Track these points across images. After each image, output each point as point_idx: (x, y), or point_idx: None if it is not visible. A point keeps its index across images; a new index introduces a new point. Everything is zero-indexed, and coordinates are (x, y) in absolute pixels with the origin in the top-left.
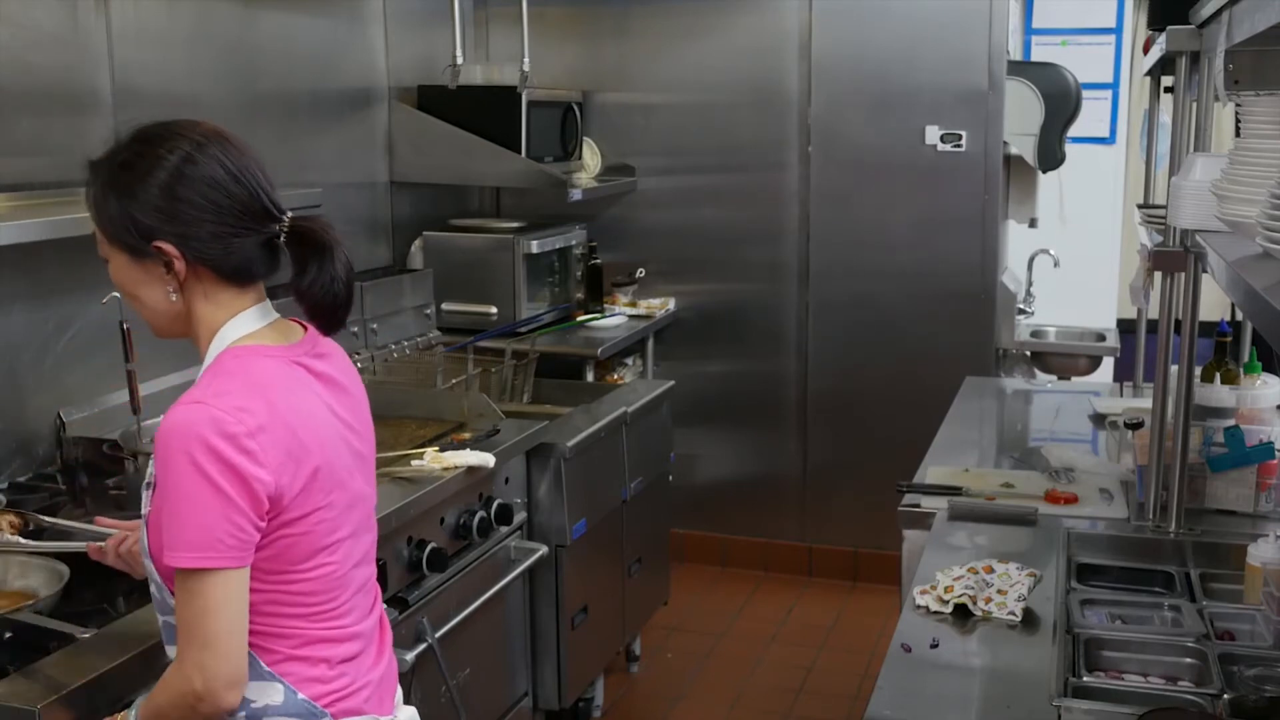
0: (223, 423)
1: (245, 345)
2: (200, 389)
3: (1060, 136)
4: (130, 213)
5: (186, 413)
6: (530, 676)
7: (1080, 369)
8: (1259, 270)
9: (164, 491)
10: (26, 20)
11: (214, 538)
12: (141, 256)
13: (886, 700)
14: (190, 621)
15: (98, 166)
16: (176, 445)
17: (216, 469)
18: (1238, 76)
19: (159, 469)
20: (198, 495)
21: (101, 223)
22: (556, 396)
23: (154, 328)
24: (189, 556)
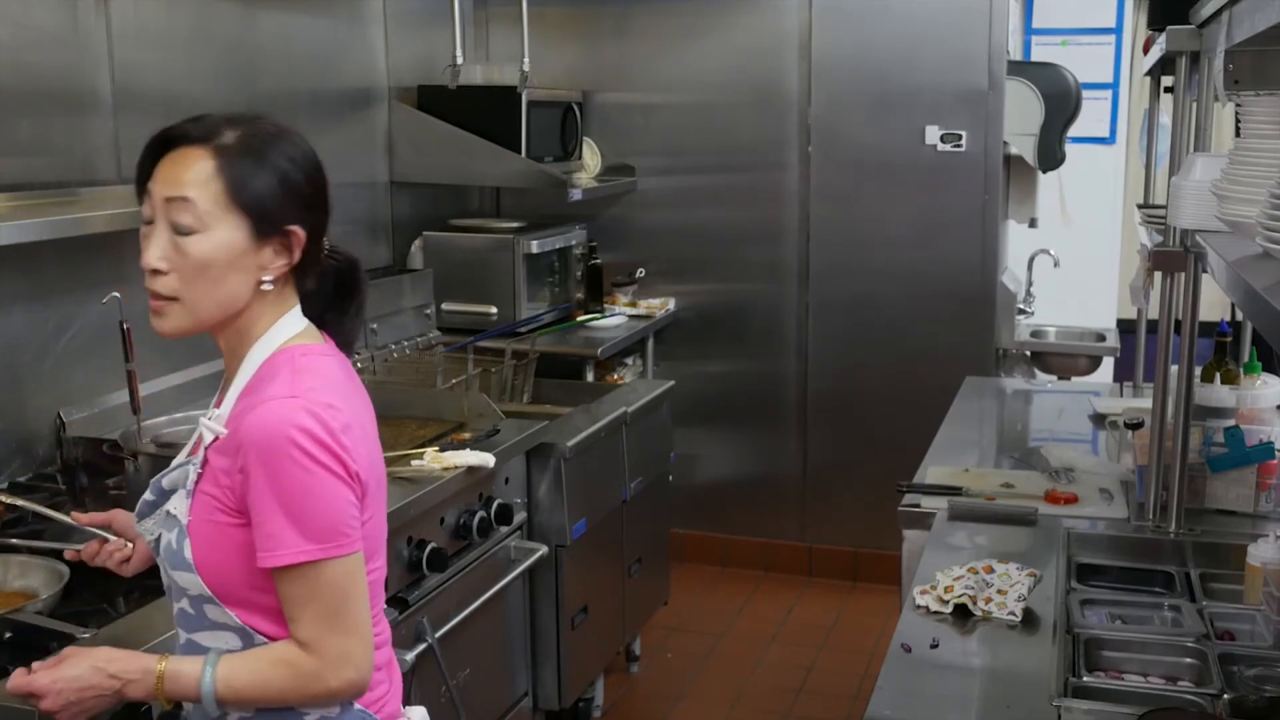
0: (321, 416)
1: (301, 345)
2: (284, 385)
3: (1060, 136)
4: (282, 188)
5: (284, 408)
6: (530, 676)
7: (1080, 369)
8: (1259, 270)
9: (273, 490)
10: (26, 20)
11: (342, 523)
12: (265, 236)
13: (886, 700)
14: (328, 612)
15: (212, 129)
16: (283, 439)
17: (327, 457)
18: (1238, 76)
19: (260, 469)
20: (316, 485)
21: (225, 186)
22: (556, 396)
23: (199, 317)
24: (320, 548)
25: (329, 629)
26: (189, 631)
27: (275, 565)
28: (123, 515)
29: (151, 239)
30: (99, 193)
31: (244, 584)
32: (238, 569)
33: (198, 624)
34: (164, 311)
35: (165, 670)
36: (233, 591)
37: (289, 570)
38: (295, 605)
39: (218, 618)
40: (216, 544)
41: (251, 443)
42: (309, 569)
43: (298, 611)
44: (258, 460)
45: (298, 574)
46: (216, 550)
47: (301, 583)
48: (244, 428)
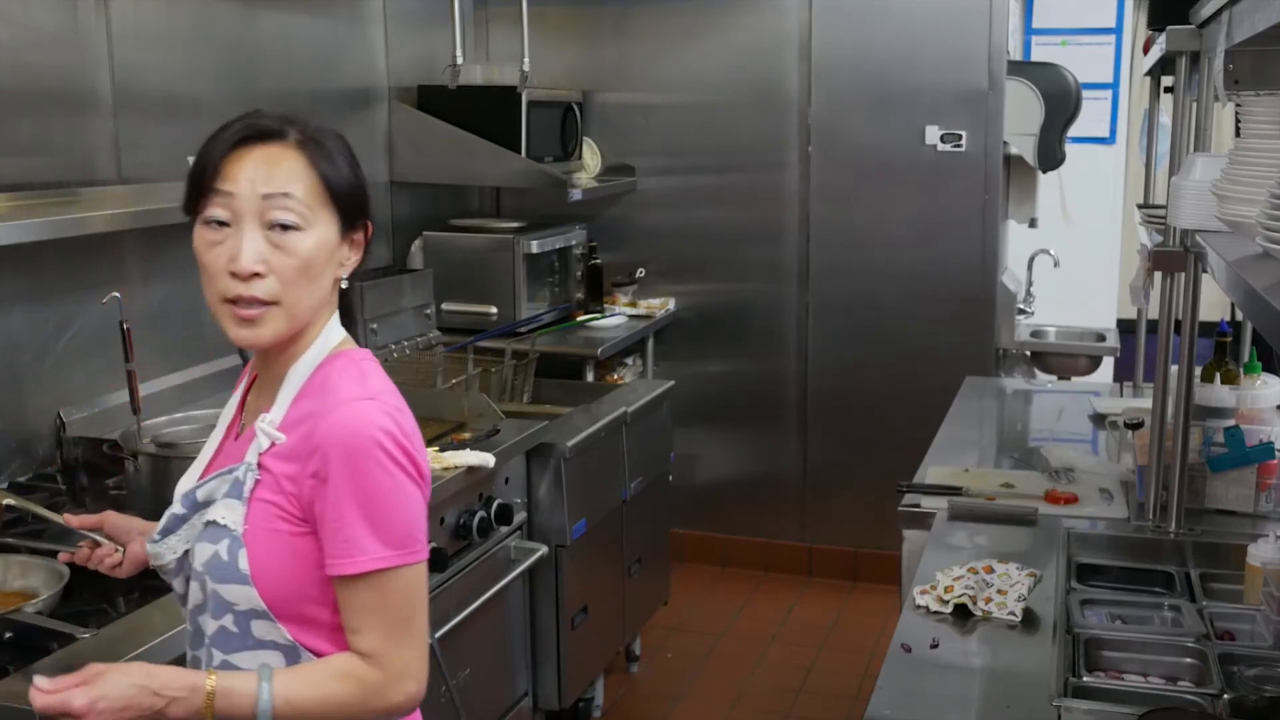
0: (399, 420)
1: (349, 349)
2: (356, 388)
3: (1060, 136)
4: (357, 181)
5: (367, 409)
6: (530, 676)
7: (1080, 369)
8: (1259, 270)
9: (351, 492)
10: (26, 20)
11: (417, 530)
12: (349, 232)
13: (886, 700)
14: (396, 622)
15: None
16: (368, 441)
17: (405, 460)
18: (1238, 76)
19: (342, 473)
20: (397, 488)
21: (328, 181)
22: (556, 396)
23: (296, 321)
24: (397, 554)
25: (395, 640)
26: (227, 652)
27: (353, 572)
28: (114, 517)
29: (241, 241)
30: (99, 193)
31: (301, 596)
32: (296, 580)
33: (240, 643)
34: (262, 319)
35: (216, 687)
36: (288, 605)
37: (362, 578)
38: (362, 615)
39: (265, 635)
40: (276, 554)
41: (334, 444)
42: (382, 577)
43: (364, 621)
44: (341, 462)
45: (371, 582)
46: (276, 560)
47: (372, 592)
48: (323, 429)
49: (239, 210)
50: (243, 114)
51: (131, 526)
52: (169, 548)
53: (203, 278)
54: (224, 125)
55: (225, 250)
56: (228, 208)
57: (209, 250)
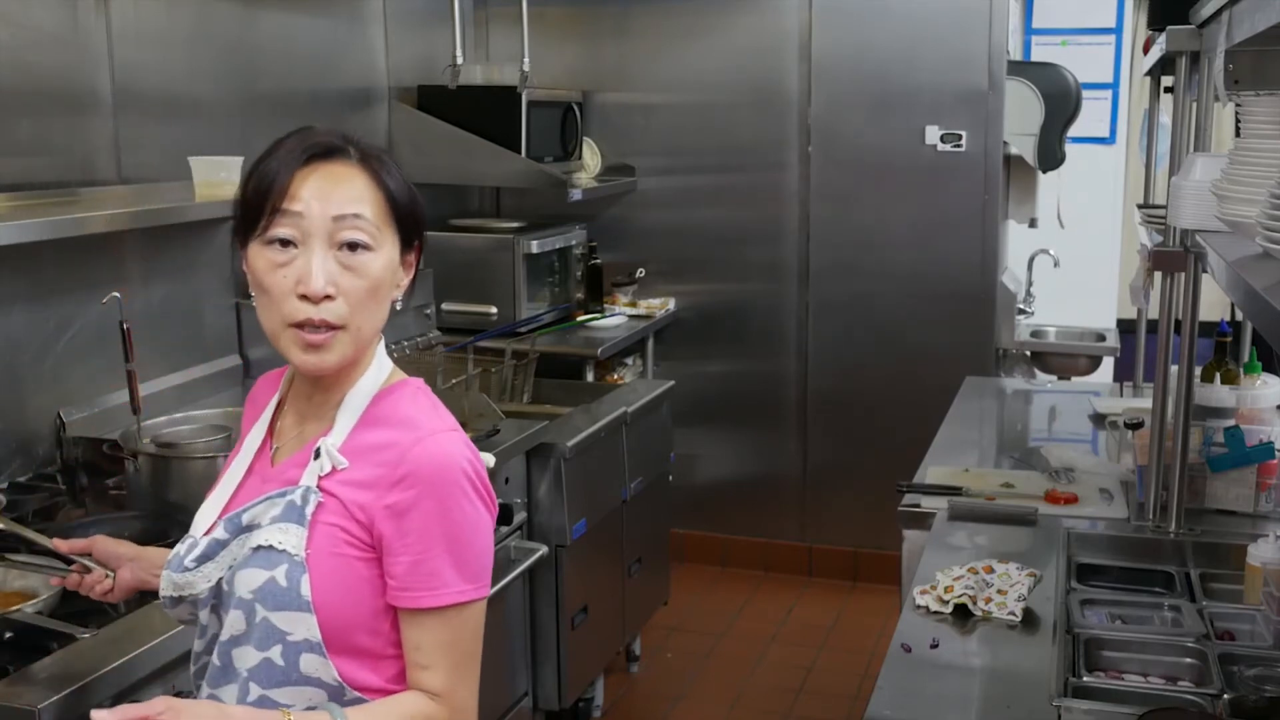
0: (475, 453)
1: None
2: (432, 418)
3: (1060, 136)
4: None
5: (454, 442)
6: (530, 676)
7: (1080, 369)
8: (1259, 270)
9: (440, 524)
10: (26, 20)
11: (490, 562)
12: (405, 253)
13: (886, 700)
14: (463, 658)
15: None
16: (458, 473)
17: (486, 494)
18: (1238, 76)
19: (430, 504)
20: (480, 522)
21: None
22: (556, 396)
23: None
24: (473, 588)
25: (461, 678)
26: (267, 687)
27: (433, 605)
28: (103, 542)
29: (311, 262)
30: (99, 193)
31: (356, 624)
32: (356, 606)
33: (284, 676)
34: (329, 344)
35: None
36: (342, 633)
37: (438, 612)
38: (433, 652)
39: (313, 670)
40: (340, 578)
41: (424, 476)
42: (457, 611)
43: (435, 659)
44: (430, 494)
45: (445, 616)
46: (339, 586)
47: (445, 626)
48: (412, 460)
49: (308, 231)
50: (295, 130)
51: (121, 552)
52: (204, 576)
53: (262, 300)
54: (277, 143)
55: (293, 272)
56: (296, 228)
57: (273, 272)
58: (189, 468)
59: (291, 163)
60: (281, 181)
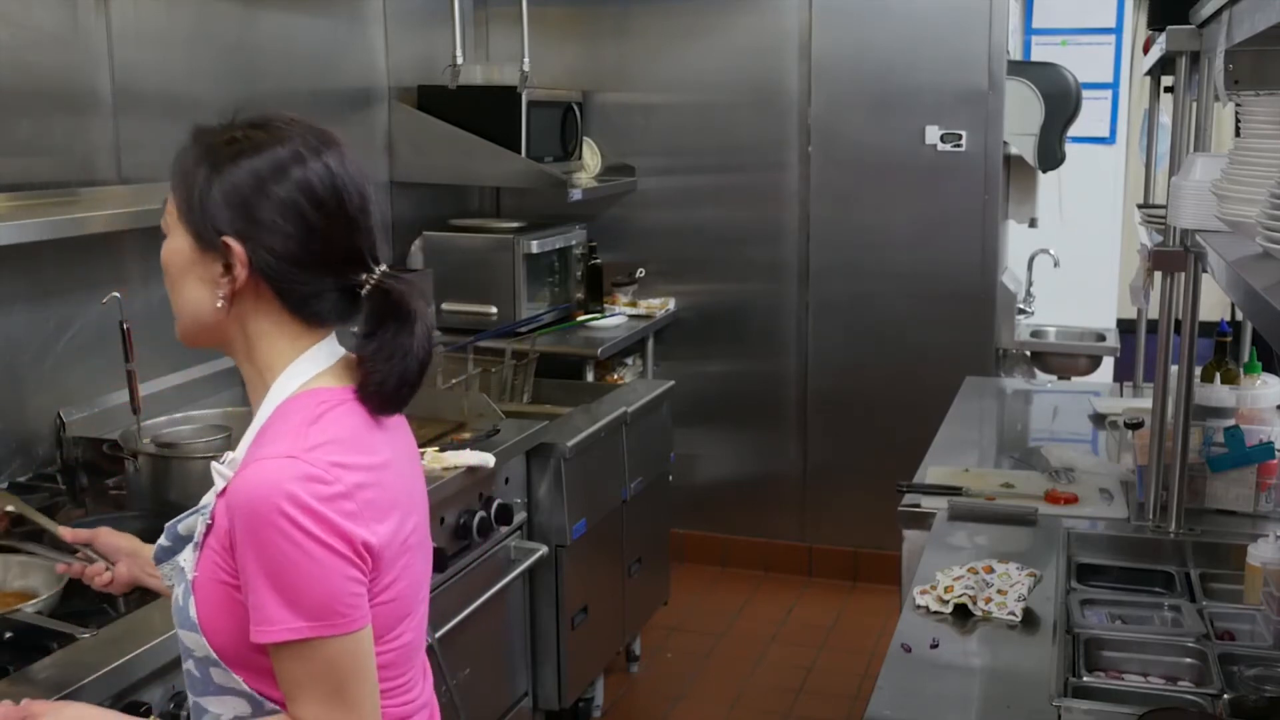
0: (322, 479)
1: (321, 388)
2: (285, 440)
3: (1060, 136)
4: (212, 194)
5: (275, 470)
6: (530, 676)
7: (1080, 369)
8: (1259, 270)
9: (259, 561)
10: (26, 20)
11: (338, 600)
12: (205, 248)
13: (886, 700)
14: (329, 692)
15: (202, 134)
16: (269, 507)
17: (320, 529)
18: (1238, 76)
19: (245, 537)
20: (305, 560)
21: (180, 193)
22: (556, 396)
23: (181, 329)
24: (312, 626)
25: (330, 709)
26: (196, 695)
27: (264, 641)
28: (105, 535)
29: None
30: (99, 193)
31: (250, 648)
32: (242, 632)
33: (204, 688)
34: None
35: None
36: (239, 655)
37: (282, 647)
38: (292, 684)
39: (224, 682)
40: (220, 605)
41: (238, 507)
42: (304, 647)
43: (294, 690)
44: (244, 527)
45: (292, 651)
46: (220, 612)
47: (297, 661)
48: (232, 489)
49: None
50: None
51: (120, 546)
52: (166, 576)
53: None
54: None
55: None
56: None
57: None
58: (189, 468)
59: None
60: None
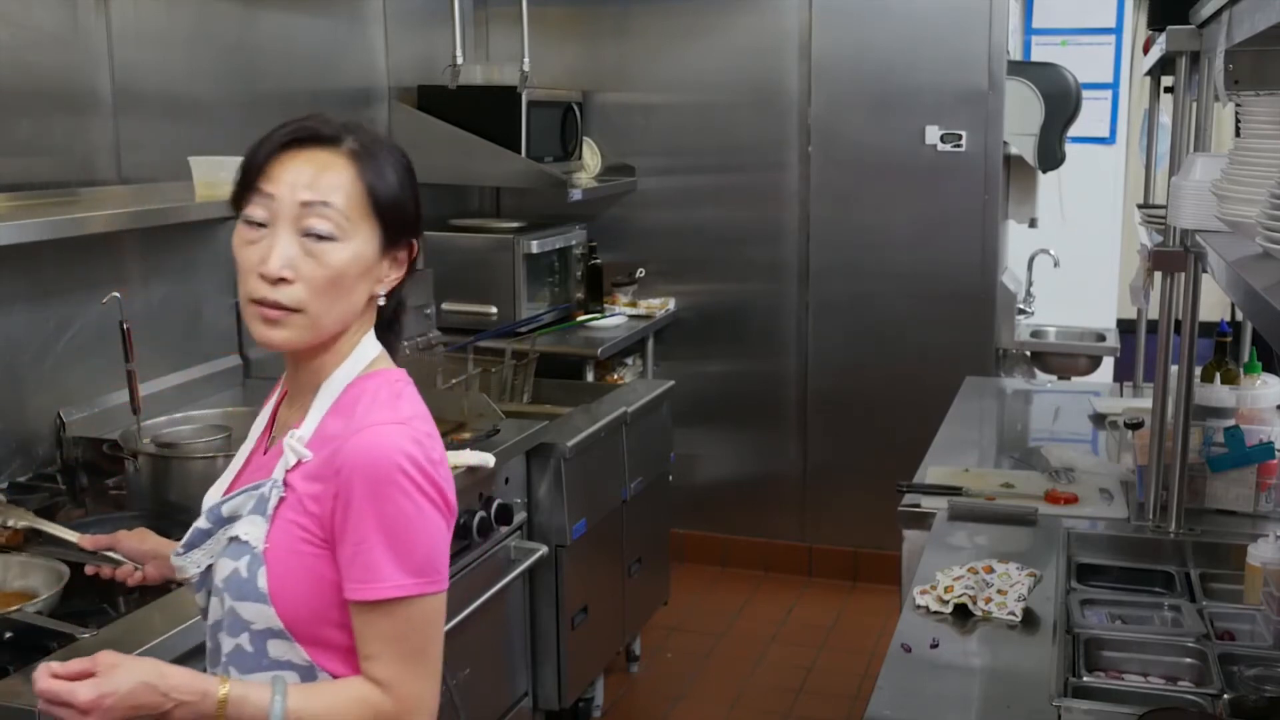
0: (424, 445)
1: (385, 370)
2: (386, 411)
3: (1060, 136)
4: (405, 197)
5: (392, 434)
6: (530, 676)
7: (1080, 369)
8: (1259, 270)
9: (378, 518)
10: (26, 20)
11: (438, 557)
12: (390, 248)
13: (886, 700)
14: (411, 652)
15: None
16: (391, 466)
17: (430, 488)
18: (1238, 76)
19: (365, 495)
20: (419, 516)
21: (374, 194)
22: (556, 396)
23: (320, 331)
24: (416, 583)
25: (409, 670)
26: (244, 671)
27: (371, 599)
28: (125, 538)
29: (274, 244)
30: (99, 193)
31: (319, 618)
32: (315, 602)
33: (255, 663)
34: (283, 322)
35: (229, 695)
36: (305, 626)
37: (380, 605)
38: (378, 642)
39: (282, 655)
40: (296, 574)
41: (356, 468)
42: (400, 605)
43: (379, 649)
44: (364, 487)
45: (388, 610)
46: (295, 581)
47: (389, 620)
48: (347, 452)
49: (276, 213)
50: (306, 115)
51: (144, 548)
52: (193, 562)
53: (237, 274)
54: (282, 124)
55: (258, 251)
56: (267, 209)
57: (243, 248)
58: (189, 468)
59: (274, 145)
60: (260, 161)
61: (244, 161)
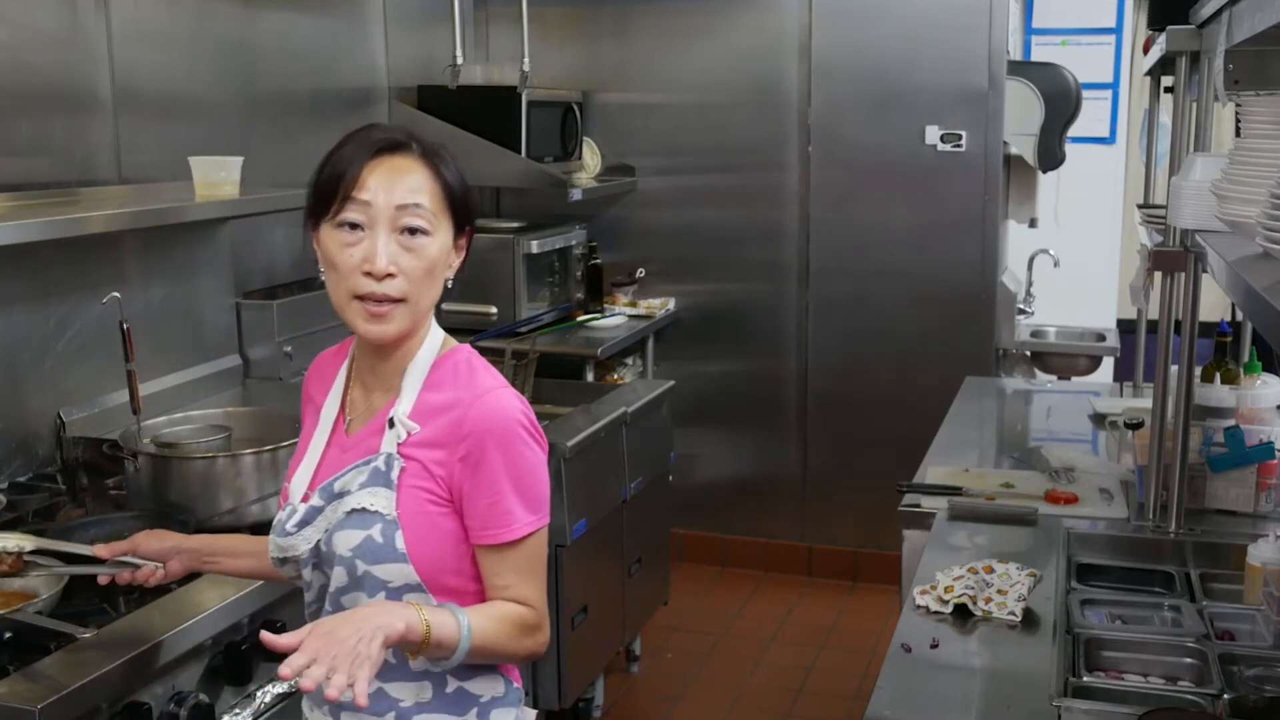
0: (526, 403)
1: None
2: (485, 378)
3: (1060, 136)
4: (466, 191)
5: (508, 397)
6: (530, 676)
7: (1080, 369)
8: (1259, 270)
9: (505, 470)
10: (26, 20)
11: (548, 494)
12: (457, 237)
13: (886, 700)
14: (538, 575)
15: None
16: (514, 424)
17: (539, 437)
18: (1238, 76)
19: (496, 451)
20: (538, 462)
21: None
22: (556, 396)
23: (409, 320)
24: (538, 519)
25: (535, 588)
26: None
27: (510, 539)
28: (144, 539)
29: (377, 244)
30: (99, 193)
31: (445, 569)
32: (444, 554)
33: None
34: (390, 315)
35: (429, 620)
36: (439, 578)
37: (514, 543)
38: (511, 574)
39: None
40: (428, 533)
41: (487, 430)
42: (531, 539)
43: (512, 579)
44: (495, 445)
45: (519, 545)
46: (428, 539)
47: (518, 553)
48: (473, 418)
49: (374, 216)
50: (362, 127)
51: (164, 548)
52: (305, 539)
53: (331, 276)
54: (348, 136)
55: (359, 251)
56: (364, 213)
57: (341, 251)
58: (189, 468)
59: (362, 155)
60: (353, 172)
61: (328, 175)
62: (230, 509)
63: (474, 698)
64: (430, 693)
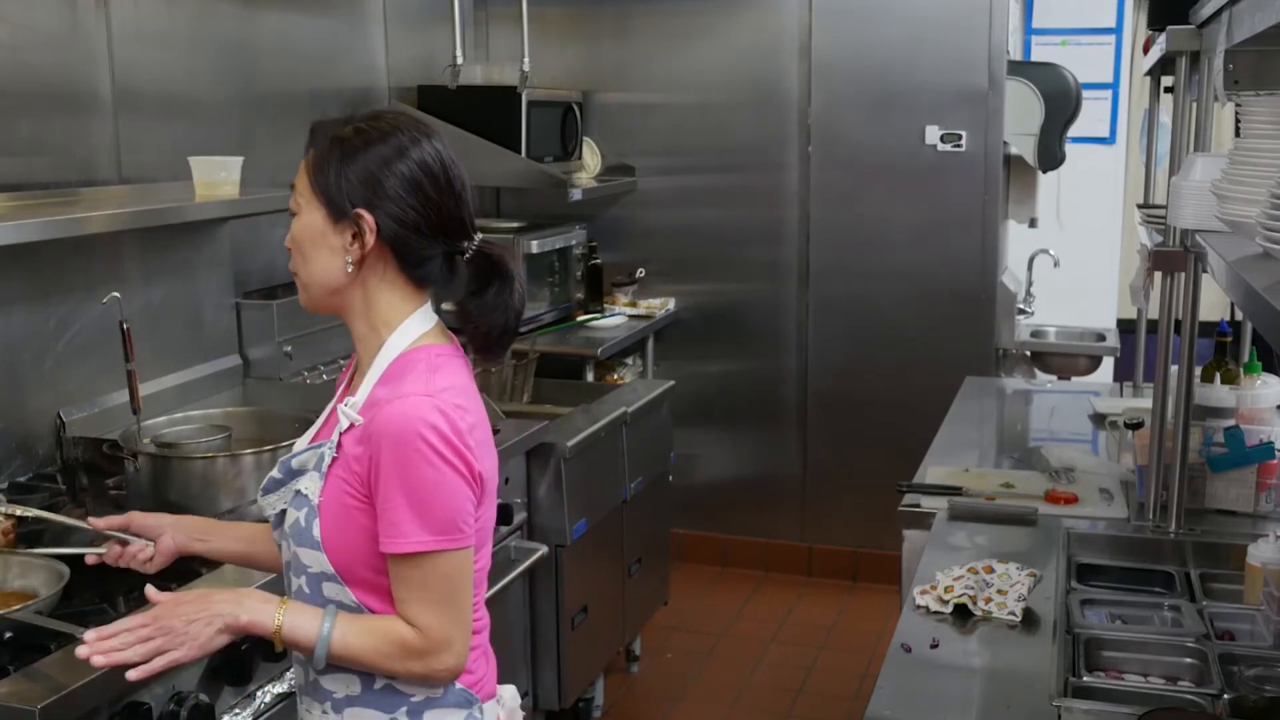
0: (450, 416)
1: (434, 344)
2: (418, 383)
3: (1060, 136)
4: (346, 173)
5: (418, 405)
6: (530, 676)
7: (1080, 369)
8: (1259, 270)
9: (398, 480)
10: (26, 20)
11: (459, 518)
12: (338, 218)
13: (886, 700)
14: (438, 599)
15: (325, 126)
16: (414, 435)
17: (452, 455)
18: (1238, 76)
19: (390, 459)
20: (440, 480)
21: (313, 175)
22: (556, 396)
23: (307, 295)
24: (436, 540)
25: (435, 614)
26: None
27: (395, 552)
28: (140, 516)
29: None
30: (99, 193)
31: (365, 565)
32: (361, 550)
33: (312, 601)
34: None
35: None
36: (354, 571)
37: (406, 557)
38: (406, 588)
39: (334, 596)
40: (344, 525)
41: (384, 434)
42: (424, 558)
43: (407, 594)
44: (389, 451)
45: (414, 562)
46: (343, 531)
47: (415, 570)
48: (378, 419)
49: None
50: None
51: (161, 523)
52: (269, 505)
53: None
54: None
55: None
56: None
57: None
58: (189, 468)
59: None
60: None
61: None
62: (230, 509)
63: (403, 696)
64: (359, 687)
